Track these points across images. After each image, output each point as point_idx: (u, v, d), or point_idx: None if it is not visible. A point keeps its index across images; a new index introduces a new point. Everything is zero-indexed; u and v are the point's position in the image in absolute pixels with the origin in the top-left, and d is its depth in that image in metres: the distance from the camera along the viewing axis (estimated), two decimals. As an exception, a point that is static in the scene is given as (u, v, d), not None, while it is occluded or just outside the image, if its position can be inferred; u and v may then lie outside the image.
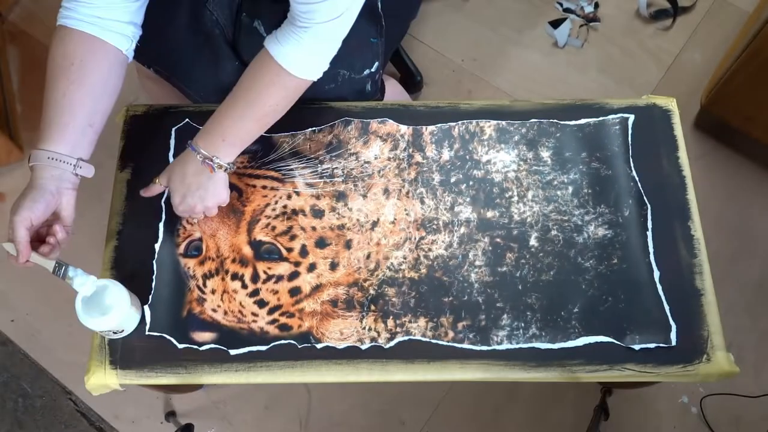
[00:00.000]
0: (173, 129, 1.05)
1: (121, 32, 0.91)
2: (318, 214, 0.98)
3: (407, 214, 0.98)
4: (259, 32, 1.09)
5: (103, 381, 0.89)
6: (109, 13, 0.89)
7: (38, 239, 0.87)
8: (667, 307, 0.91)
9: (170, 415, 1.37)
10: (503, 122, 1.05)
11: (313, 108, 1.04)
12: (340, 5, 0.84)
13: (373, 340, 0.90)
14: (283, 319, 0.92)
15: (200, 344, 0.91)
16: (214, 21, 1.05)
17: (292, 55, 0.88)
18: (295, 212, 0.98)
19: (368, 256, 0.95)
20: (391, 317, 0.91)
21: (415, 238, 0.97)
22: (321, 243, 0.96)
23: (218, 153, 0.91)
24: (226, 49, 1.08)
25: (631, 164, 1.01)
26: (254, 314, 0.92)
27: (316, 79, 0.92)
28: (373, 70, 1.08)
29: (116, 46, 0.91)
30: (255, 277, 0.94)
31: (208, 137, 0.91)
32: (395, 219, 0.98)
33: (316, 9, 0.83)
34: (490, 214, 0.98)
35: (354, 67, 1.08)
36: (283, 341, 0.91)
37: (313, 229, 0.97)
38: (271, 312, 0.93)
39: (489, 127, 1.04)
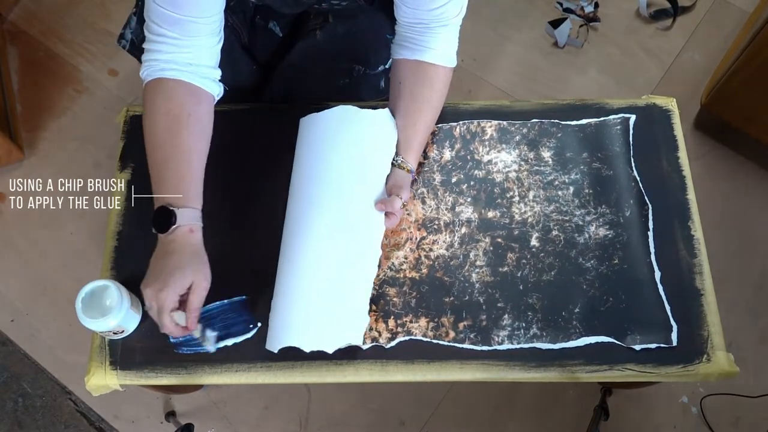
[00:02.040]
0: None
1: (213, 78, 0.91)
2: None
3: (408, 214, 0.98)
4: (275, 32, 1.08)
5: (103, 381, 0.89)
6: (199, 59, 0.88)
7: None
8: (668, 308, 0.91)
9: (170, 415, 1.37)
10: (504, 122, 1.05)
11: (315, 109, 1.04)
12: None
13: (374, 340, 0.90)
14: (283, 320, 0.92)
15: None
16: (229, 27, 1.04)
17: (447, 51, 0.95)
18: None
19: (369, 256, 0.95)
20: (392, 317, 0.91)
21: (416, 238, 0.97)
22: (322, 243, 0.96)
23: (415, 165, 0.97)
24: (242, 53, 1.08)
25: (633, 164, 1.01)
26: (255, 314, 0.92)
27: None
28: (387, 66, 1.07)
29: (211, 92, 0.91)
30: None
31: (413, 154, 0.96)
32: (396, 219, 0.98)
33: (448, 7, 0.91)
34: (491, 214, 0.98)
35: (369, 62, 1.08)
36: (283, 341, 0.90)
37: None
38: (271, 312, 0.92)
39: (490, 127, 1.04)
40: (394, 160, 0.95)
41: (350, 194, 0.93)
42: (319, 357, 0.88)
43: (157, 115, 0.86)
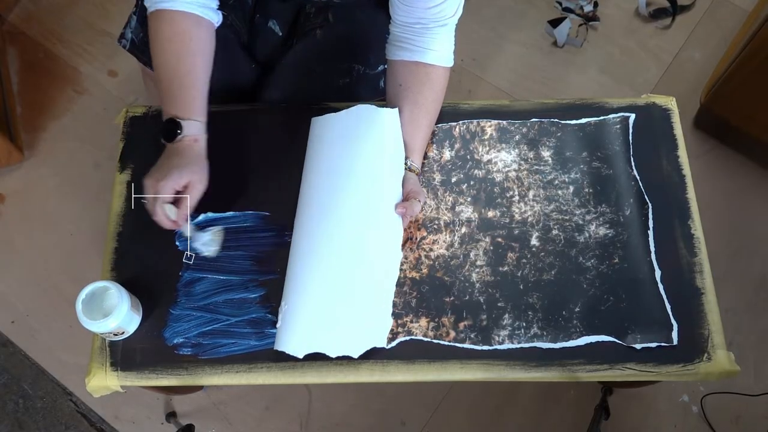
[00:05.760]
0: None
1: (211, 6, 0.96)
2: (319, 214, 0.98)
3: (408, 214, 0.98)
4: (275, 31, 1.09)
5: (103, 383, 0.89)
6: None
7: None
8: (668, 307, 0.91)
9: (171, 415, 1.37)
10: (504, 122, 1.05)
11: (315, 110, 1.04)
12: None
13: (374, 340, 0.90)
14: (284, 320, 0.92)
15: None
16: (228, 25, 1.04)
17: (446, 52, 0.97)
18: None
19: (369, 256, 0.95)
20: (392, 317, 0.91)
21: (416, 238, 0.97)
22: (322, 243, 0.96)
23: (420, 166, 1.00)
24: (241, 52, 1.08)
25: (632, 163, 1.01)
26: (255, 315, 0.92)
27: None
28: (387, 66, 1.07)
29: (210, 19, 0.96)
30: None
31: (419, 155, 0.98)
32: (396, 219, 0.98)
33: (445, 5, 0.91)
34: (491, 213, 0.98)
35: (369, 62, 1.08)
36: (284, 342, 0.90)
37: (314, 229, 0.97)
38: (272, 312, 0.92)
39: (490, 126, 1.04)
40: (406, 162, 0.96)
41: (370, 197, 0.92)
42: (319, 357, 0.88)
43: (163, 41, 0.93)
